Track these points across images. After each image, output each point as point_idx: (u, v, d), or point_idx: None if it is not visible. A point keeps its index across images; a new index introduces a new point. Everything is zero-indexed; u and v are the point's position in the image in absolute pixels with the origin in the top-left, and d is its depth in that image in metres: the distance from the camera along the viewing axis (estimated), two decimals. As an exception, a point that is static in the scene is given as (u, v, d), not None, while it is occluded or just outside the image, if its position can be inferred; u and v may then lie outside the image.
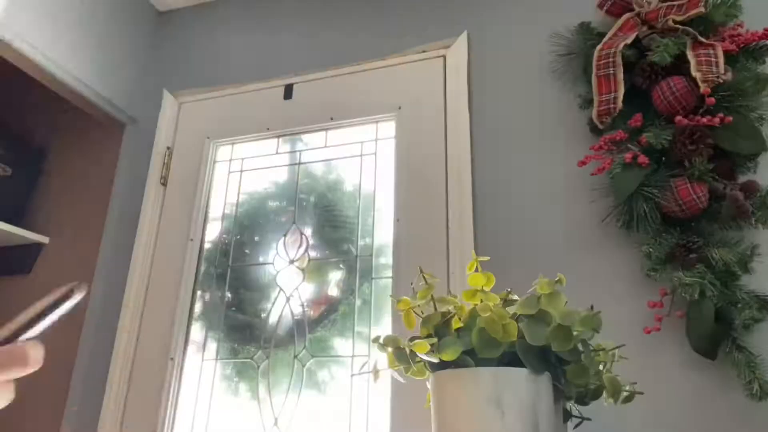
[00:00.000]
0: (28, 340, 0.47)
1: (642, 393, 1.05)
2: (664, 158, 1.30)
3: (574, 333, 0.88)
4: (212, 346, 1.73)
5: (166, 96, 2.05)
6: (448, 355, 0.87)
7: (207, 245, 1.86)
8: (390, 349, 0.95)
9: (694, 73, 1.28)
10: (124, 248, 1.86)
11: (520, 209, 1.49)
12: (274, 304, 1.72)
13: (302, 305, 1.69)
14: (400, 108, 1.75)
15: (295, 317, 1.68)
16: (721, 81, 1.26)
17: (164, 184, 1.94)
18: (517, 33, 1.68)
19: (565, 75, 1.57)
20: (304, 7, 2.01)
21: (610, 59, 1.40)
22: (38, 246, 2.00)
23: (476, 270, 1.01)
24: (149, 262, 1.84)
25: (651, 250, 1.28)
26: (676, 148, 1.26)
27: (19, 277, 1.97)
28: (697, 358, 1.23)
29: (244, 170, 1.94)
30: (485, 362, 0.88)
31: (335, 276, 1.74)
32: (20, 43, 1.67)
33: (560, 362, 0.92)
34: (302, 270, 1.73)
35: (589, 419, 1.02)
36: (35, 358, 0.46)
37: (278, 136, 1.91)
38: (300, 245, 1.76)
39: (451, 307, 1.00)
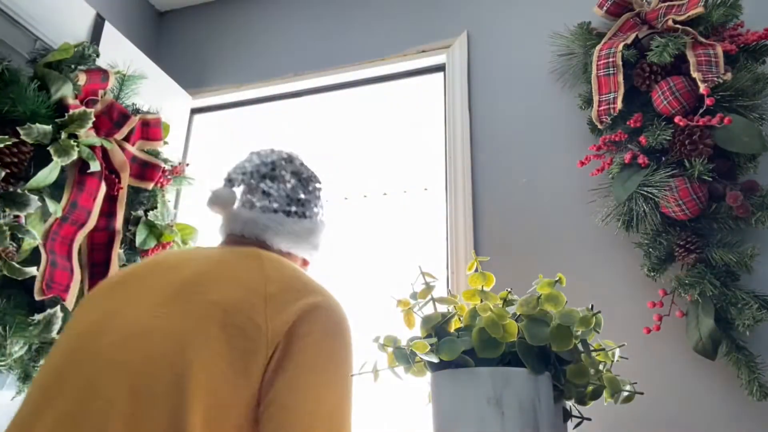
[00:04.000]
0: None
1: (642, 393, 1.05)
2: (663, 158, 1.30)
3: (574, 333, 0.88)
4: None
5: (166, 96, 2.05)
6: (448, 355, 0.87)
7: (207, 245, 1.87)
8: (390, 349, 0.95)
9: (694, 73, 1.28)
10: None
11: (520, 209, 1.49)
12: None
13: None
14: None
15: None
16: (721, 81, 1.26)
17: (164, 184, 1.94)
18: (517, 33, 1.68)
19: (565, 75, 1.57)
20: (303, 8, 2.01)
21: (610, 59, 1.40)
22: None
23: (476, 270, 1.01)
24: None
25: (651, 250, 1.28)
26: (676, 148, 1.26)
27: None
28: (697, 358, 1.23)
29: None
30: (485, 362, 0.88)
31: (335, 276, 1.74)
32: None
33: (560, 362, 0.92)
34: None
35: (589, 419, 1.02)
36: None
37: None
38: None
39: (451, 307, 1.00)
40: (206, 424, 0.67)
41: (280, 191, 0.99)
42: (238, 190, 1.01)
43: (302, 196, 1.01)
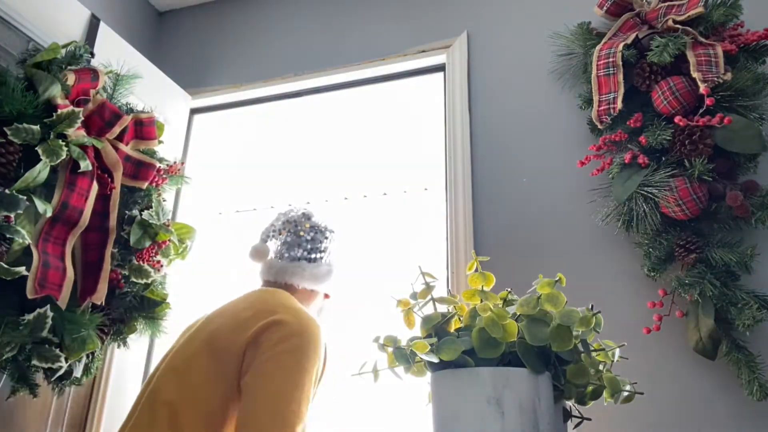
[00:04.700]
0: None
1: (642, 393, 1.05)
2: (663, 158, 1.30)
3: (574, 333, 0.88)
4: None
5: (165, 96, 2.04)
6: (448, 355, 0.87)
7: (206, 245, 1.87)
8: (390, 349, 0.95)
9: (694, 73, 1.28)
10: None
11: (520, 209, 1.49)
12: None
13: (302, 305, 1.69)
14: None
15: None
16: (721, 81, 1.26)
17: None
18: (517, 33, 1.68)
19: (565, 75, 1.57)
20: (303, 8, 2.01)
21: (610, 59, 1.40)
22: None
23: (476, 270, 1.01)
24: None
25: (651, 250, 1.28)
26: (676, 148, 1.26)
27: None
28: (697, 358, 1.23)
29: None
30: (485, 362, 0.87)
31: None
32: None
33: (560, 362, 0.92)
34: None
35: (589, 419, 1.02)
36: None
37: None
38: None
39: (451, 307, 1.00)
40: (178, 402, 1.01)
41: (302, 243, 1.28)
42: (271, 244, 1.31)
43: (320, 245, 1.29)
